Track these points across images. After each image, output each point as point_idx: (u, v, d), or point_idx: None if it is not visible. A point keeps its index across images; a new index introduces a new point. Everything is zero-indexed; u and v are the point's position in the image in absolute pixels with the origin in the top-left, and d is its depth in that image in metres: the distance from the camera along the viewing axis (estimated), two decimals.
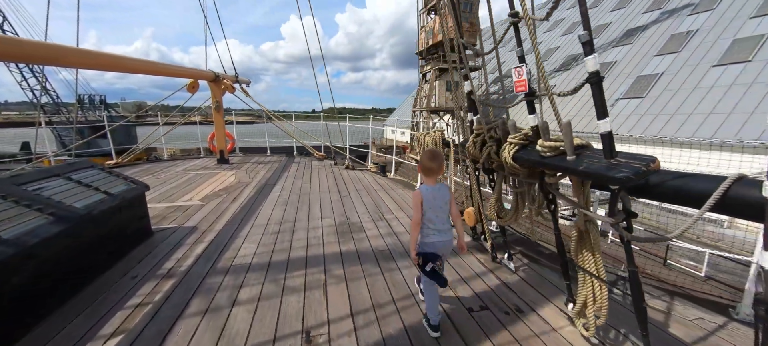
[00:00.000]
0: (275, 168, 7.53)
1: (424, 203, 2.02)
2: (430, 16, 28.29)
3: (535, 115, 2.21)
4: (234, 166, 7.78)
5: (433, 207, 2.02)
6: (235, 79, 8.90)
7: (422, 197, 2.01)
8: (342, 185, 5.90)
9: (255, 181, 6.22)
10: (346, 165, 7.59)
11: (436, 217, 2.03)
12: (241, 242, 3.40)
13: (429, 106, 26.84)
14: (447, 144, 4.53)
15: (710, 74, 16.48)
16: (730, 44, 16.83)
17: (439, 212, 2.04)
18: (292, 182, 6.10)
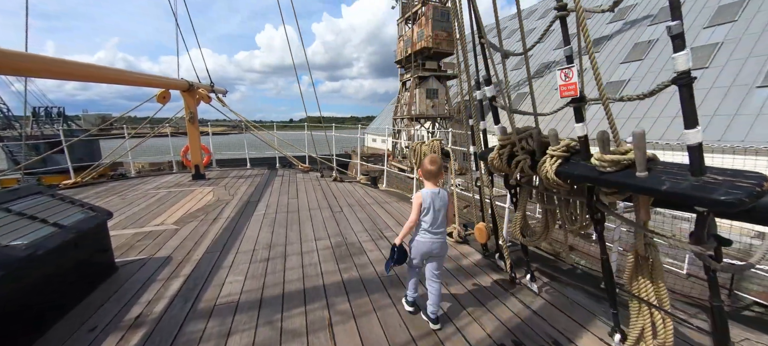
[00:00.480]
0: (257, 183, 7.01)
1: (424, 205, 2.16)
2: (408, 25, 28.58)
3: (582, 124, 1.95)
4: (211, 181, 7.18)
5: (432, 210, 2.15)
6: (211, 88, 8.33)
7: (422, 200, 2.16)
8: (332, 200, 5.52)
9: (236, 198, 5.69)
10: (333, 177, 7.20)
11: (433, 219, 2.15)
12: (224, 273, 2.94)
13: (410, 114, 26.89)
14: (446, 154, 4.30)
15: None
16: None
17: (436, 214, 2.16)
18: (277, 198, 5.64)
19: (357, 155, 9.26)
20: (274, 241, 3.70)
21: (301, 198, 5.65)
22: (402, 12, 28.73)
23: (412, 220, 2.18)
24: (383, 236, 3.85)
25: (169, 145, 8.97)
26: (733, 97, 14.56)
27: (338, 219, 4.48)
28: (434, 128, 29.36)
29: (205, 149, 8.99)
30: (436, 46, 25.12)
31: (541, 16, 36.09)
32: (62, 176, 7.97)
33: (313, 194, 5.99)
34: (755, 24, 16.27)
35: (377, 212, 4.80)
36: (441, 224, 2.19)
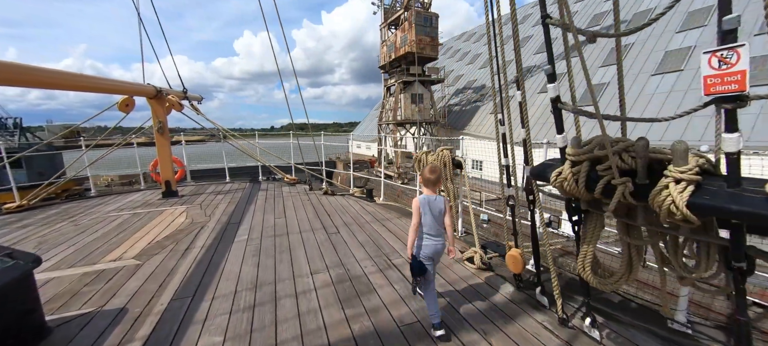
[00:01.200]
0: (238, 199, 6.24)
1: (422, 209, 2.27)
2: (391, 30, 28.34)
3: (736, 134, 1.36)
4: (185, 199, 6.35)
5: (429, 214, 2.27)
6: (184, 95, 7.50)
7: (419, 204, 2.28)
8: (326, 218, 4.88)
9: (213, 219, 4.94)
10: (324, 190, 6.55)
11: (432, 224, 2.27)
12: (196, 332, 2.25)
13: (395, 119, 26.51)
14: (458, 165, 3.78)
15: (650, 82, 18.09)
16: (663, 56, 18.70)
17: (434, 220, 2.28)
18: (262, 218, 4.93)
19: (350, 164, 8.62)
20: (260, 278, 3.03)
21: (290, 217, 4.97)
22: (384, 17, 28.47)
23: (415, 223, 2.29)
24: (392, 265, 3.26)
25: (136, 157, 7.97)
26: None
27: (336, 243, 3.86)
28: (420, 133, 29.12)
29: (178, 162, 8.10)
30: (420, 50, 24.95)
31: (520, 22, 36.87)
32: (7, 195, 6.87)
33: (303, 211, 5.32)
34: None
35: (379, 233, 4.20)
36: (439, 228, 2.31)
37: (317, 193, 6.70)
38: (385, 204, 5.75)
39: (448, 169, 3.77)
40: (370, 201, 5.91)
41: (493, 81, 2.75)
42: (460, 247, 3.71)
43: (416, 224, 2.28)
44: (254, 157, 7.87)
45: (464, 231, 4.14)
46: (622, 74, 2.25)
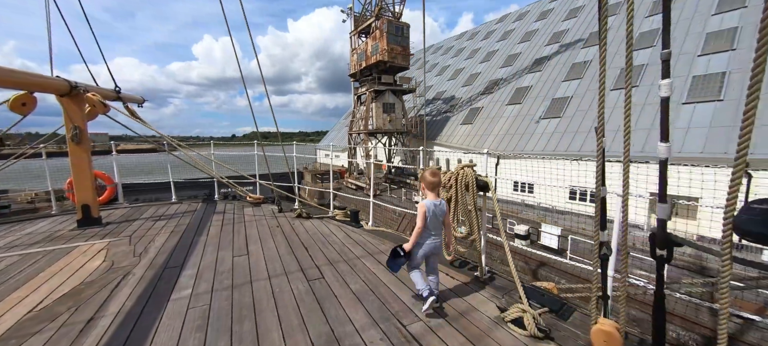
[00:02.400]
0: (185, 227, 4.87)
1: (428, 215, 2.45)
2: (362, 38, 27.70)
3: None
4: (109, 229, 4.84)
5: (433, 218, 2.47)
6: (116, 94, 5.97)
7: (426, 209, 2.45)
8: (303, 254, 3.75)
9: (145, 261, 3.61)
10: (297, 212, 5.37)
11: (434, 226, 2.51)
12: None
13: (367, 129, 25.65)
14: (484, 187, 2.92)
15: (610, 97, 19.09)
16: (619, 72, 19.91)
17: (437, 221, 2.51)
18: (215, 256, 3.69)
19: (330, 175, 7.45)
20: None
21: (255, 253, 3.78)
22: (354, 25, 27.79)
23: (420, 227, 2.43)
24: (408, 336, 2.25)
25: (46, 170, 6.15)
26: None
27: (321, 297, 2.78)
28: (391, 144, 28.50)
29: (105, 178, 6.43)
30: (392, 60, 24.51)
31: (484, 37, 38.25)
32: None
33: (272, 242, 4.14)
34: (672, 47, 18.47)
35: (378, 277, 3.19)
36: (440, 229, 2.57)
37: (289, 215, 5.51)
38: (375, 230, 4.72)
39: (471, 193, 2.90)
40: (356, 226, 4.86)
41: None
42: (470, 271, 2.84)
43: (421, 229, 2.41)
44: (205, 171, 6.40)
45: (489, 272, 3.26)
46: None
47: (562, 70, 23.82)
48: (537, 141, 20.51)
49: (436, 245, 2.53)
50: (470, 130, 26.01)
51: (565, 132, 19.49)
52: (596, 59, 22.22)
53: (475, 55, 36.02)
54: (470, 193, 2.89)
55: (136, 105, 6.83)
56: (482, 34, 39.69)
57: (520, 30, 33.23)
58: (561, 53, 25.51)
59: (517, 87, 25.76)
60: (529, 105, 23.38)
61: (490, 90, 28.24)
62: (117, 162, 6.55)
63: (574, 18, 28.05)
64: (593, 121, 19.46)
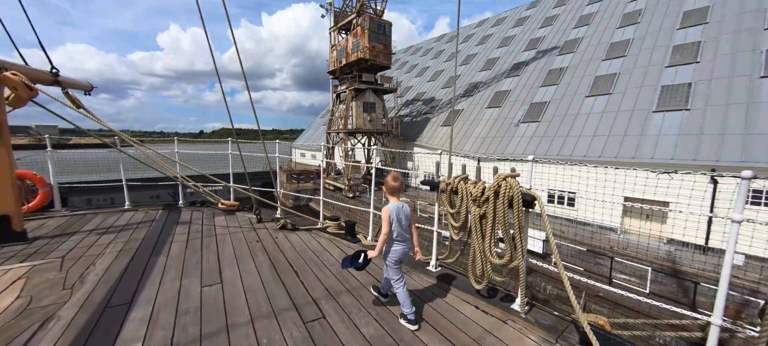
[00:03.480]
0: (139, 243, 3.92)
1: (392, 218, 2.41)
2: (342, 34, 26.81)
3: None
4: (36, 246, 3.79)
5: (398, 221, 2.43)
6: (52, 77, 4.82)
7: (390, 213, 2.41)
8: (293, 282, 2.98)
9: (81, 293, 2.70)
10: (281, 223, 4.55)
11: (400, 229, 2.45)
12: None
13: (346, 128, 24.79)
14: (529, 202, 2.36)
15: (585, 103, 19.69)
16: (593, 80, 20.62)
17: (402, 224, 2.46)
18: (177, 287, 2.85)
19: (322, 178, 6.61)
20: None
21: (231, 282, 2.98)
22: (334, 20, 26.83)
23: (386, 231, 2.39)
24: None
25: None
26: (636, 120, 16.74)
27: None
28: (370, 144, 27.82)
29: (35, 179, 5.23)
30: (373, 58, 23.86)
31: (463, 40, 38.66)
32: None
33: (253, 265, 3.35)
34: (641, 58, 19.36)
35: (393, 314, 2.54)
36: (405, 234, 2.48)
37: (270, 227, 4.68)
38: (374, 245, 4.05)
39: (516, 210, 2.32)
40: (352, 241, 4.15)
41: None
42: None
43: (387, 232, 2.39)
44: (166, 171, 5.30)
45: (529, 303, 2.68)
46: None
47: (539, 76, 24.35)
48: (517, 144, 20.72)
49: (405, 251, 2.49)
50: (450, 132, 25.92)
51: (544, 136, 19.81)
52: (572, 66, 22.93)
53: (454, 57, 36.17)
54: (515, 209, 2.31)
55: (81, 92, 5.66)
56: (461, 37, 40.08)
57: (498, 35, 33.83)
58: (538, 59, 26.12)
59: (497, 91, 26.06)
60: (509, 109, 23.66)
61: (470, 93, 28.40)
62: (54, 159, 5.34)
63: (550, 26, 28.90)
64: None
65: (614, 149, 16.31)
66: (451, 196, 2.77)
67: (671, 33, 19.51)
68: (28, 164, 6.41)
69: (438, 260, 3.32)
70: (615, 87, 19.12)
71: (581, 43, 24.17)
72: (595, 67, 21.49)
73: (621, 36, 22.15)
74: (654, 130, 15.85)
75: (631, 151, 15.72)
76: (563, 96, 21.34)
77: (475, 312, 2.56)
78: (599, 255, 11.34)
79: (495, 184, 2.36)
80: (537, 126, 20.78)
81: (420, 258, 2.65)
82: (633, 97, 17.79)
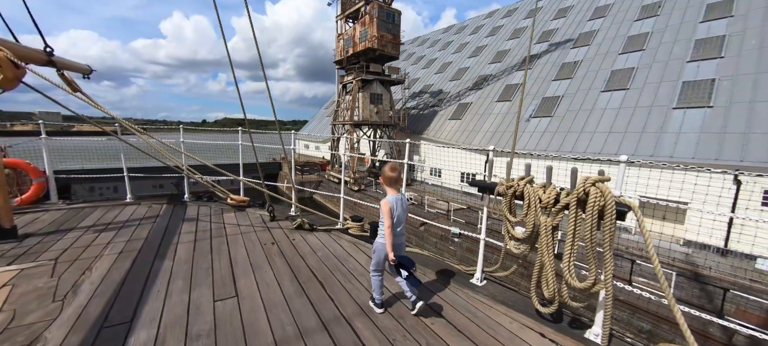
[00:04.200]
0: (142, 243, 3.51)
1: (393, 211, 2.33)
2: (349, 23, 26.08)
3: None
4: (27, 245, 3.39)
5: (398, 213, 2.36)
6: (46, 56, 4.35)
7: (391, 205, 2.32)
8: (320, 296, 2.54)
9: (74, 306, 2.30)
10: (297, 223, 4.13)
11: (399, 221, 2.39)
12: None
13: (352, 120, 24.26)
14: (623, 213, 1.89)
15: (601, 98, 19.04)
16: (610, 74, 19.92)
17: (401, 217, 2.40)
18: (186, 301, 2.42)
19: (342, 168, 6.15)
20: None
21: (248, 294, 2.55)
22: (342, 8, 26.08)
23: (390, 224, 2.30)
24: None
25: None
26: (655, 116, 16.13)
27: None
28: (376, 136, 27.30)
29: (28, 169, 4.81)
30: (381, 48, 23.19)
31: (472, 31, 37.74)
32: None
33: (271, 273, 2.93)
34: (661, 52, 18.63)
35: (444, 340, 2.11)
36: (403, 225, 2.43)
37: (285, 226, 4.26)
38: (416, 254, 3.60)
39: (608, 222, 1.86)
40: None
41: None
42: None
43: (391, 225, 2.30)
44: (170, 162, 4.82)
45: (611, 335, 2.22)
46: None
47: (552, 69, 23.64)
48: (528, 139, 20.17)
49: (402, 244, 2.44)
50: (459, 125, 25.38)
51: (557, 131, 19.24)
52: (586, 59, 22.21)
53: (464, 49, 35.42)
54: (606, 222, 1.86)
55: (80, 76, 5.20)
56: (470, 28, 39.17)
57: (509, 27, 32.94)
58: (551, 52, 25.35)
59: (507, 84, 25.38)
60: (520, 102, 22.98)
61: (479, 86, 27.71)
62: (50, 147, 4.91)
63: (563, 18, 28.02)
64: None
65: (631, 146, 15.74)
66: (511, 201, 2.31)
67: (693, 26, 18.72)
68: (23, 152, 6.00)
69: (484, 272, 2.88)
70: (632, 82, 18.45)
71: (597, 36, 23.38)
72: (611, 61, 20.76)
73: (639, 29, 21.34)
74: (674, 127, 15.25)
75: (649, 149, 15.15)
76: (577, 90, 20.68)
77: (541, 341, 2.13)
78: (616, 256, 10.90)
79: (580, 190, 1.90)
80: (549, 121, 20.19)
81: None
82: (652, 92, 17.14)
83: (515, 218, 2.35)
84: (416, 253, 3.60)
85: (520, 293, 2.65)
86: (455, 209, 18.29)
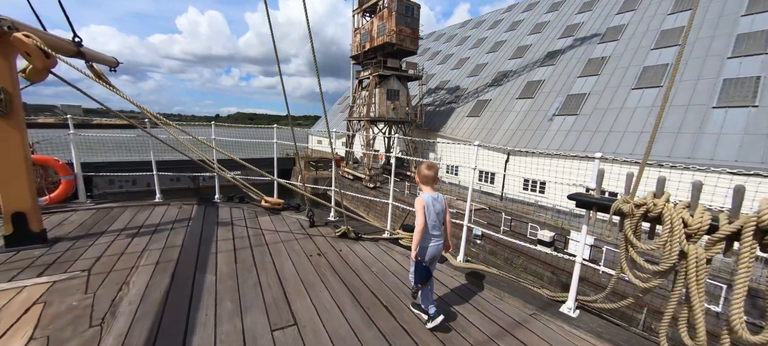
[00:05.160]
0: (178, 252, 3.19)
1: (427, 211, 2.20)
2: (366, 17, 25.58)
3: None
4: (57, 251, 3.11)
5: (433, 214, 2.21)
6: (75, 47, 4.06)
7: (425, 203, 2.21)
8: (391, 328, 2.08)
9: (114, 332, 1.99)
10: (341, 230, 3.75)
11: (434, 224, 2.23)
12: None
13: (368, 116, 23.86)
14: None
15: (632, 96, 18.11)
16: (641, 71, 18.92)
17: (436, 219, 2.23)
18: (240, 329, 2.07)
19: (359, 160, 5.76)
20: None
21: (308, 320, 2.15)
22: (359, 2, 25.60)
23: (422, 223, 2.19)
24: None
25: None
26: (693, 116, 15.19)
27: None
28: (392, 133, 26.85)
29: (58, 166, 4.58)
30: (400, 42, 22.64)
31: (490, 26, 36.72)
32: None
33: (327, 294, 2.54)
34: (698, 48, 17.55)
35: None
36: (440, 228, 2.27)
37: (326, 233, 3.90)
38: (471, 269, 3.18)
39: None
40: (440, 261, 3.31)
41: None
42: None
43: (423, 224, 2.19)
44: (188, 155, 4.39)
45: None
46: None
47: (577, 65, 22.68)
48: (552, 138, 19.41)
49: (440, 247, 2.29)
50: (477, 123, 24.70)
51: (583, 130, 18.43)
52: (615, 55, 21.20)
53: (481, 44, 34.50)
54: None
55: (107, 69, 4.93)
56: (488, 23, 38.12)
57: (529, 21, 31.85)
58: (576, 47, 24.34)
59: (529, 81, 24.52)
60: (542, 100, 22.19)
61: (498, 82, 26.90)
62: (77, 143, 4.66)
63: (589, 11, 26.87)
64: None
65: (666, 148, 14.88)
66: (638, 224, 1.87)
67: (734, 20, 17.55)
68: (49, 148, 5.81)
69: (578, 300, 2.45)
70: (666, 79, 17.45)
71: (626, 30, 22.28)
72: (642, 56, 19.74)
73: (673, 23, 20.21)
74: (714, 128, 14.32)
75: (686, 151, 14.29)
76: (605, 88, 19.75)
77: None
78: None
79: (764, 215, 1.45)
80: (575, 120, 19.36)
81: (449, 251, 2.50)
82: (688, 90, 16.17)
83: (640, 242, 1.91)
84: (481, 269, 3.17)
85: (629, 331, 2.21)
86: (475, 209, 17.75)
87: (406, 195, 20.45)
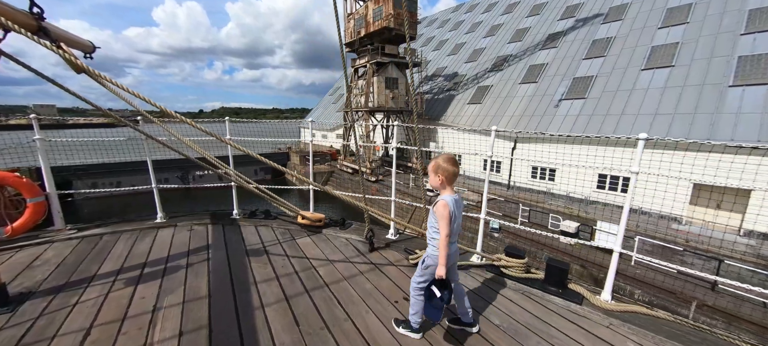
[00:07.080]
0: (205, 312, 2.19)
1: (452, 214, 1.96)
2: (360, 2, 24.15)
3: None
4: (24, 319, 2.09)
5: (456, 218, 2.01)
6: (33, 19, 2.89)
7: (451, 210, 1.94)
8: None
9: None
10: (415, 258, 2.82)
11: (457, 228, 2.03)
12: None
13: (367, 106, 22.72)
14: None
15: (642, 77, 17.56)
16: (650, 51, 18.37)
17: (458, 221, 2.03)
18: None
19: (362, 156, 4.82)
20: None
21: None
22: None
23: (447, 233, 1.93)
24: None
25: None
26: (708, 96, 14.74)
27: None
28: (389, 122, 25.79)
29: (20, 185, 3.42)
30: (398, 27, 21.41)
31: (485, 9, 35.69)
32: None
33: None
34: (708, 25, 17.05)
35: None
36: (459, 231, 2.09)
37: (395, 260, 2.96)
38: (631, 313, 2.31)
39: None
40: (560, 295, 2.42)
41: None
42: None
43: (448, 234, 1.93)
44: (224, 172, 3.44)
45: None
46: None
47: (581, 47, 22.02)
48: (560, 123, 18.81)
49: (457, 251, 2.10)
50: (479, 110, 23.90)
51: (593, 114, 17.86)
52: (620, 35, 20.60)
53: (477, 29, 33.50)
54: None
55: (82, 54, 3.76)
56: (482, 6, 37.03)
57: (526, 3, 30.94)
58: (578, 29, 23.64)
59: (531, 65, 23.76)
60: (547, 84, 21.51)
61: (499, 67, 26.06)
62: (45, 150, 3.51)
63: None
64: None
65: (683, 129, 14.42)
66: None
67: None
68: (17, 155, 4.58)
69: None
70: (677, 59, 16.95)
71: (630, 9, 21.66)
72: (650, 36, 19.17)
73: (679, 0, 19.65)
74: (732, 107, 13.89)
75: (704, 132, 13.84)
76: (613, 69, 19.16)
77: None
78: (698, 255, 9.73)
79: None
80: (583, 103, 18.76)
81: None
82: (702, 69, 15.69)
83: None
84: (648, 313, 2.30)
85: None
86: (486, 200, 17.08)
87: (412, 187, 19.61)
